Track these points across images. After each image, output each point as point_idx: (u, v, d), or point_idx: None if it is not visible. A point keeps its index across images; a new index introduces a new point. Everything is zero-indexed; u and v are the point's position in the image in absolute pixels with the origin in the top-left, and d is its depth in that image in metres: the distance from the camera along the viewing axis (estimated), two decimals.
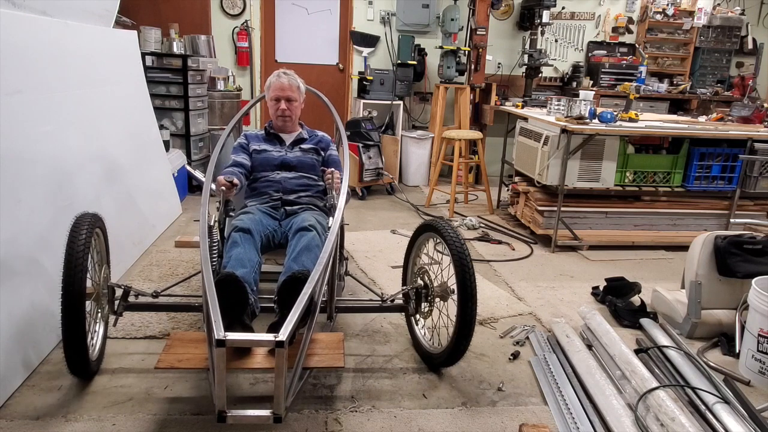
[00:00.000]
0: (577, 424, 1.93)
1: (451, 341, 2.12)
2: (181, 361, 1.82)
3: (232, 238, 2.19)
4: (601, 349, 2.36)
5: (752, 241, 2.69)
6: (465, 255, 2.06)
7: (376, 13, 6.08)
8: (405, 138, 5.90)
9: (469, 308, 2.03)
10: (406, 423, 1.96)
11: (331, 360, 1.88)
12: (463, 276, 2.04)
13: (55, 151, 2.61)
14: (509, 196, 4.82)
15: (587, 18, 6.42)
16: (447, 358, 2.19)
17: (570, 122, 3.72)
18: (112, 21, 3.63)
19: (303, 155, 2.70)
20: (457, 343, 2.10)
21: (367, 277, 3.28)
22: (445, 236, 2.13)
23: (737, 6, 6.52)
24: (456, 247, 2.08)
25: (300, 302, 1.64)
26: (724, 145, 4.00)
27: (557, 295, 3.15)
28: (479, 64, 5.60)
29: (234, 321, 1.92)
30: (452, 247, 2.08)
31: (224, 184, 2.35)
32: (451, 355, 2.17)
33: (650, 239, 4.04)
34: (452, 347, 2.13)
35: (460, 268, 2.05)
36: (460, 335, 2.07)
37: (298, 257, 2.15)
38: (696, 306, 2.66)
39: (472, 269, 2.05)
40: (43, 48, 2.67)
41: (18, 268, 2.14)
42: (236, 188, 2.41)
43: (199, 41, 5.57)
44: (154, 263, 3.29)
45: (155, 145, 4.08)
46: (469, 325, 2.05)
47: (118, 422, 1.87)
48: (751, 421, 1.87)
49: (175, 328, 2.53)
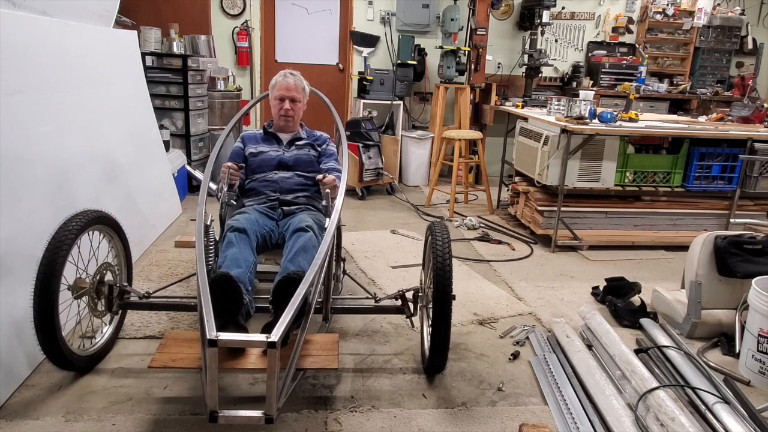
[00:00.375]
0: (577, 424, 1.93)
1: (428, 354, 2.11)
2: (174, 361, 1.81)
3: (228, 238, 2.19)
4: (601, 349, 2.36)
5: (752, 241, 2.69)
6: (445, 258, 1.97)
7: (376, 13, 6.08)
8: (405, 138, 5.90)
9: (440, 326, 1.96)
10: (406, 423, 1.95)
11: (325, 361, 1.87)
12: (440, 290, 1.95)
13: (55, 151, 2.61)
14: (509, 196, 4.81)
15: (587, 18, 6.42)
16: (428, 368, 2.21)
17: (570, 122, 3.72)
18: (112, 21, 3.63)
19: (299, 152, 2.69)
20: (431, 359, 2.09)
21: (366, 278, 3.28)
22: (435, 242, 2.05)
23: (737, 6, 6.52)
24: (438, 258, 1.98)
25: (293, 303, 1.64)
26: (724, 145, 4.00)
27: (557, 295, 3.15)
28: (479, 64, 5.60)
29: (228, 321, 1.92)
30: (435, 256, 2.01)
31: (232, 167, 2.36)
32: (430, 368, 2.18)
33: (650, 239, 4.04)
34: (428, 361, 2.13)
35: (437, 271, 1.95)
36: (433, 351, 2.04)
37: (294, 258, 2.15)
38: (696, 306, 2.66)
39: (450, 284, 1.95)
40: (43, 48, 2.67)
41: (18, 267, 2.14)
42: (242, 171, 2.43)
43: (199, 41, 5.57)
44: (154, 263, 3.29)
45: (155, 145, 4.08)
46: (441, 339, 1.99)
47: (117, 422, 1.87)
48: (751, 421, 1.87)
49: (174, 327, 2.53)
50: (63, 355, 1.95)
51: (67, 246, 1.88)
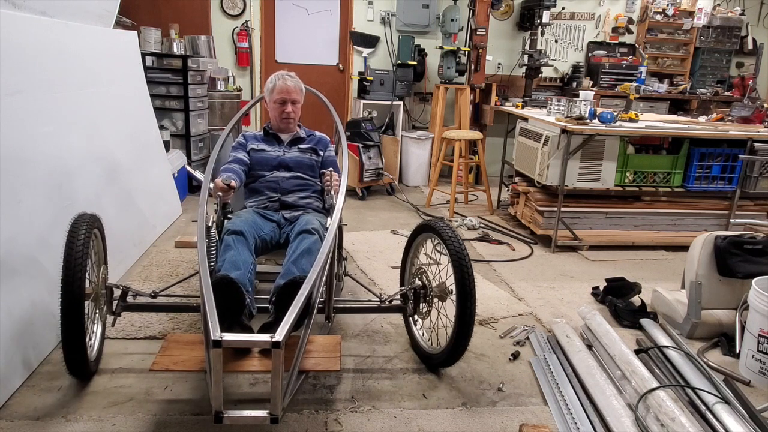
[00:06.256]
0: (577, 425, 1.93)
1: (450, 341, 2.12)
2: (176, 363, 1.81)
3: (225, 242, 2.19)
4: (602, 350, 2.36)
5: (752, 241, 2.69)
6: (463, 255, 2.05)
7: (376, 14, 6.09)
8: (405, 138, 5.90)
9: (468, 307, 2.03)
10: (406, 423, 1.96)
11: (328, 363, 1.87)
12: (461, 275, 2.03)
13: (56, 152, 2.61)
14: (509, 197, 4.81)
15: (587, 18, 6.43)
16: (446, 359, 2.19)
17: (570, 122, 3.72)
18: (112, 21, 3.63)
19: (301, 155, 2.69)
20: (457, 343, 2.10)
21: (366, 278, 3.28)
22: (444, 236, 2.13)
23: (737, 6, 6.52)
24: (454, 247, 2.07)
25: (297, 303, 1.64)
26: (724, 145, 4.00)
27: (557, 296, 3.15)
28: (479, 64, 5.60)
29: (233, 323, 1.93)
30: (450, 247, 2.08)
31: (221, 188, 2.32)
32: (451, 355, 2.17)
33: (650, 239, 4.04)
34: (452, 347, 2.12)
35: (459, 268, 2.04)
36: (460, 334, 2.07)
37: (298, 260, 2.15)
38: (696, 306, 2.66)
39: (471, 269, 2.04)
40: (43, 48, 2.67)
41: (18, 267, 2.14)
42: (234, 191, 2.39)
43: (199, 42, 5.57)
44: (154, 263, 3.29)
45: (155, 145, 4.08)
46: (469, 323, 2.05)
47: (118, 422, 1.87)
48: (751, 421, 1.87)
49: (175, 328, 2.53)
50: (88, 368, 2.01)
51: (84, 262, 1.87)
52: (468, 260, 2.05)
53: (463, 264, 2.04)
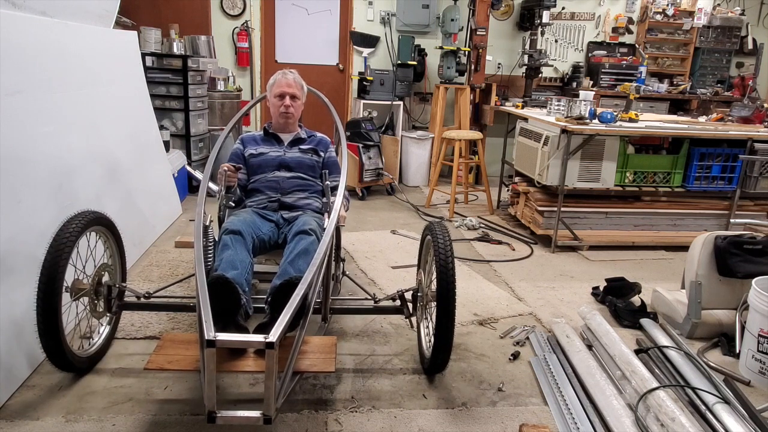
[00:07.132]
0: (577, 425, 1.93)
1: (431, 353, 2.10)
2: (171, 363, 1.80)
3: (223, 241, 2.20)
4: (602, 350, 2.36)
5: (752, 241, 2.69)
6: (448, 264, 1.97)
7: (376, 14, 6.09)
8: (405, 138, 5.90)
9: (444, 322, 1.96)
10: (406, 423, 1.95)
11: (323, 364, 1.86)
12: (444, 286, 1.95)
13: (56, 152, 2.61)
14: (509, 197, 4.81)
15: (587, 18, 6.43)
16: (429, 368, 2.19)
17: (570, 122, 3.72)
18: (112, 21, 3.63)
19: (302, 156, 2.70)
20: (434, 356, 2.08)
21: (366, 278, 3.28)
22: (436, 242, 2.06)
23: (737, 6, 6.52)
24: (441, 256, 1.99)
25: (292, 303, 1.64)
26: (724, 145, 4.00)
27: (557, 296, 3.15)
28: (479, 64, 5.60)
29: (228, 323, 1.92)
30: (437, 254, 2.01)
31: (229, 168, 2.35)
32: (431, 367, 2.16)
33: (650, 239, 4.04)
34: (430, 360, 2.12)
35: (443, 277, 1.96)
36: (437, 347, 2.03)
37: (294, 260, 2.15)
38: (696, 306, 2.66)
39: (453, 281, 1.96)
40: (43, 48, 2.67)
41: (18, 267, 2.14)
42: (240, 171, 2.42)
43: (199, 42, 5.57)
44: (154, 263, 3.29)
45: (155, 145, 4.08)
46: (446, 336, 1.99)
47: (117, 422, 1.87)
48: (751, 421, 1.87)
49: (175, 328, 2.53)
50: (66, 358, 1.95)
51: (68, 248, 1.88)
52: (452, 271, 1.97)
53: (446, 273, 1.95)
